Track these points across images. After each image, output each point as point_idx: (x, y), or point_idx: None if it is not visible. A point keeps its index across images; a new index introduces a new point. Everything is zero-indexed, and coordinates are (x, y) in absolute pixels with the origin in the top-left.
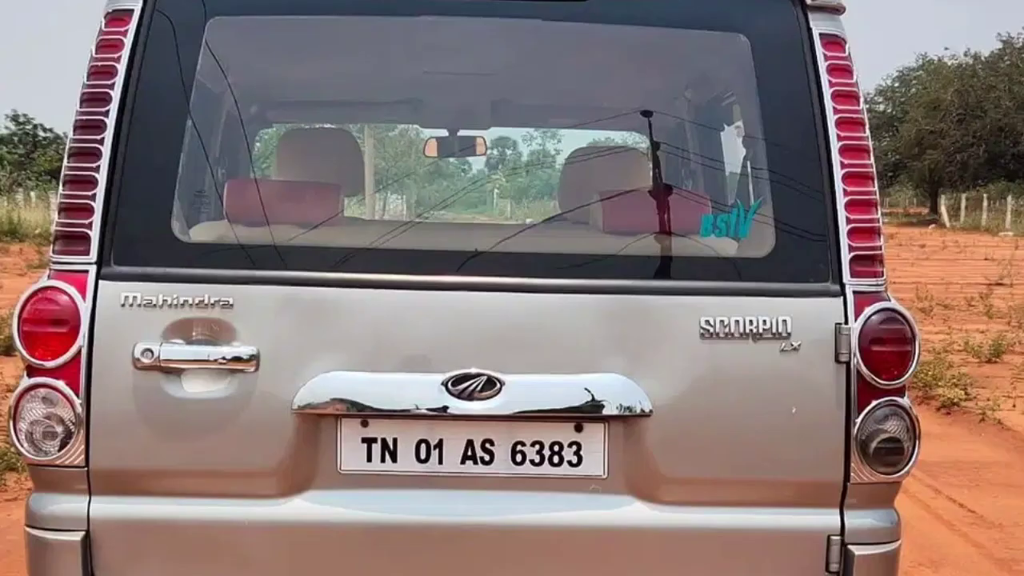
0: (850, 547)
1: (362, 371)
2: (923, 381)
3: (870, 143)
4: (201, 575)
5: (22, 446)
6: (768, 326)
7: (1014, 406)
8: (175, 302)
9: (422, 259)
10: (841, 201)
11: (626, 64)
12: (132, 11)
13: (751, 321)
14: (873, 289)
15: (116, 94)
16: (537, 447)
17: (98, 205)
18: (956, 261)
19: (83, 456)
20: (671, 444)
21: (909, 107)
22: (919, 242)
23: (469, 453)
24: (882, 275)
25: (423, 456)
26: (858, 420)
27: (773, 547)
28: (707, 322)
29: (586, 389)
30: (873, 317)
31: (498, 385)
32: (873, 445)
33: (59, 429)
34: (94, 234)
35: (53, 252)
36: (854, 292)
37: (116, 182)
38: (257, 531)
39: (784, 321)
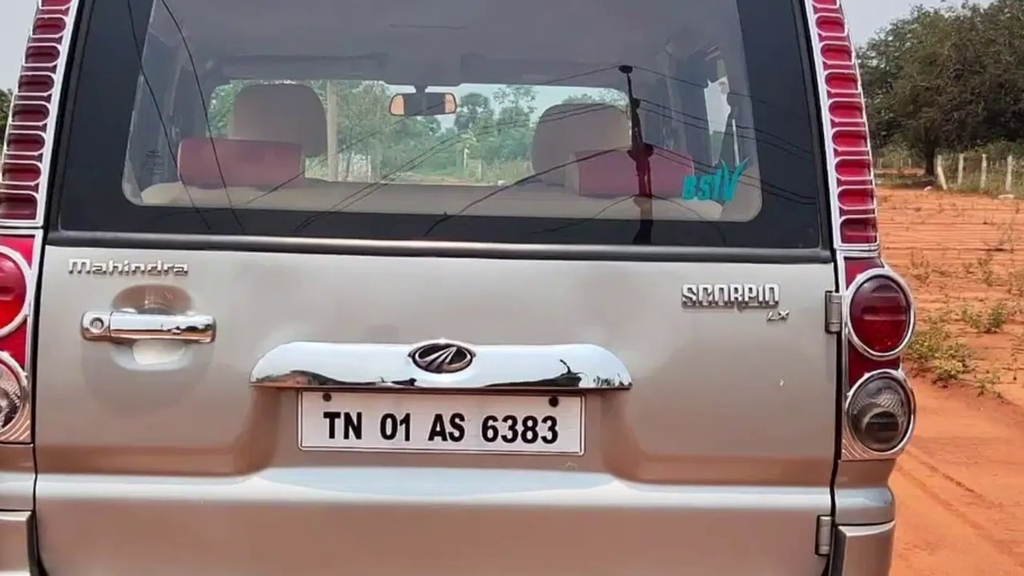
0: (841, 528)
1: (324, 342)
2: (918, 352)
3: (862, 100)
4: (154, 557)
5: None
6: (754, 294)
7: (1015, 379)
8: (126, 269)
9: (388, 223)
10: (832, 162)
11: (604, 16)
12: None
13: (736, 289)
14: (865, 255)
15: (64, 48)
16: (509, 422)
17: (45, 166)
18: (953, 225)
19: (29, 432)
20: (651, 419)
21: (904, 62)
22: (914, 205)
23: (438, 429)
24: (875, 240)
25: (389, 432)
26: (849, 394)
27: (759, 528)
28: (690, 290)
29: (561, 361)
30: (865, 285)
31: (468, 357)
32: (865, 420)
33: (3, 403)
34: (40, 197)
35: None
36: (845, 258)
37: (64, 142)
38: (213, 511)
39: (771, 289)
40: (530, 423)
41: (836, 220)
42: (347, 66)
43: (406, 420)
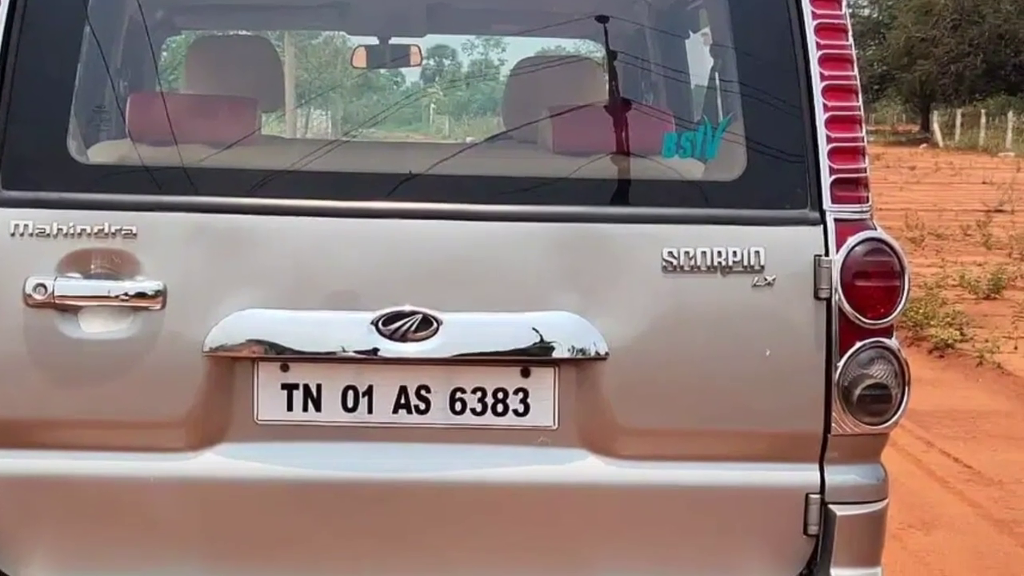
0: (831, 507)
1: (282, 309)
2: (913, 320)
3: (853, 52)
4: (102, 537)
5: None
6: (739, 258)
7: (1015, 348)
8: (71, 231)
9: (349, 182)
10: (821, 117)
11: None
12: None
13: (720, 252)
14: (857, 216)
15: None
16: (479, 394)
17: None
18: (950, 185)
19: None
20: (629, 391)
21: (897, 11)
22: (909, 163)
23: (402, 401)
24: (867, 201)
25: (350, 404)
26: (840, 364)
27: (744, 507)
28: (670, 253)
29: (534, 329)
30: (857, 248)
31: (435, 324)
32: (857, 392)
33: None
34: None
35: None
36: (835, 220)
37: (5, 96)
38: (164, 488)
39: (757, 252)
40: (500, 395)
41: (826, 179)
42: (306, 16)
43: (369, 392)
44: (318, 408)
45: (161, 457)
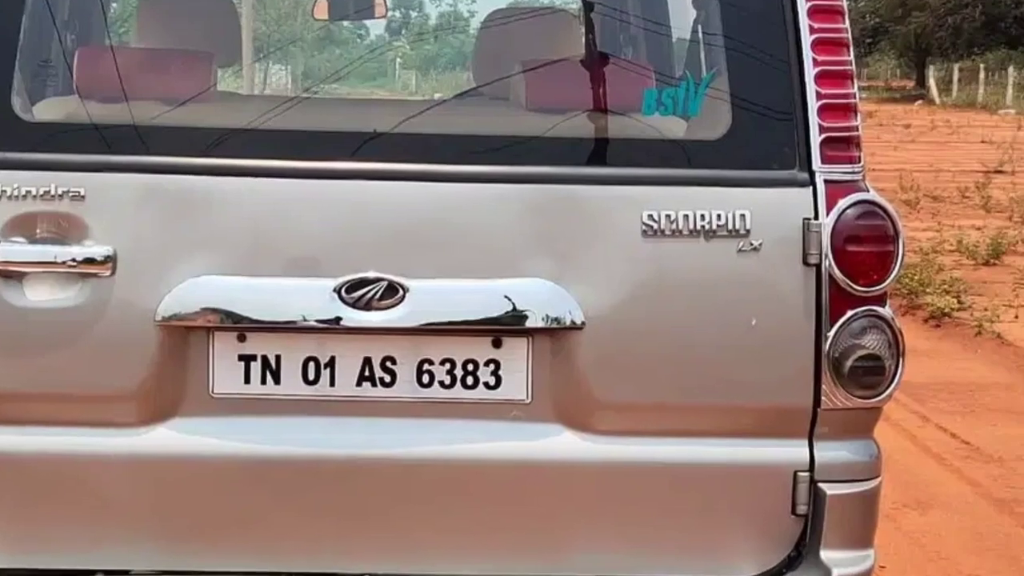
0: (820, 485)
1: (239, 275)
2: (908, 287)
3: (845, 3)
4: (48, 517)
5: None
6: (723, 221)
7: (1016, 317)
8: (15, 193)
9: (310, 142)
10: (810, 72)
11: None
12: None
13: (703, 215)
14: (848, 177)
15: None
16: (447, 366)
17: None
18: (947, 144)
19: None
20: (607, 362)
21: None
22: (903, 121)
23: (366, 373)
24: (859, 161)
25: (311, 377)
26: (830, 334)
27: (729, 485)
28: (650, 217)
29: (506, 297)
30: (848, 211)
31: (401, 292)
32: (848, 364)
33: None
34: None
35: None
36: (826, 181)
37: None
38: (114, 465)
39: (742, 215)
40: (470, 367)
41: (815, 138)
42: None
43: (331, 363)
44: (277, 380)
45: (111, 432)
